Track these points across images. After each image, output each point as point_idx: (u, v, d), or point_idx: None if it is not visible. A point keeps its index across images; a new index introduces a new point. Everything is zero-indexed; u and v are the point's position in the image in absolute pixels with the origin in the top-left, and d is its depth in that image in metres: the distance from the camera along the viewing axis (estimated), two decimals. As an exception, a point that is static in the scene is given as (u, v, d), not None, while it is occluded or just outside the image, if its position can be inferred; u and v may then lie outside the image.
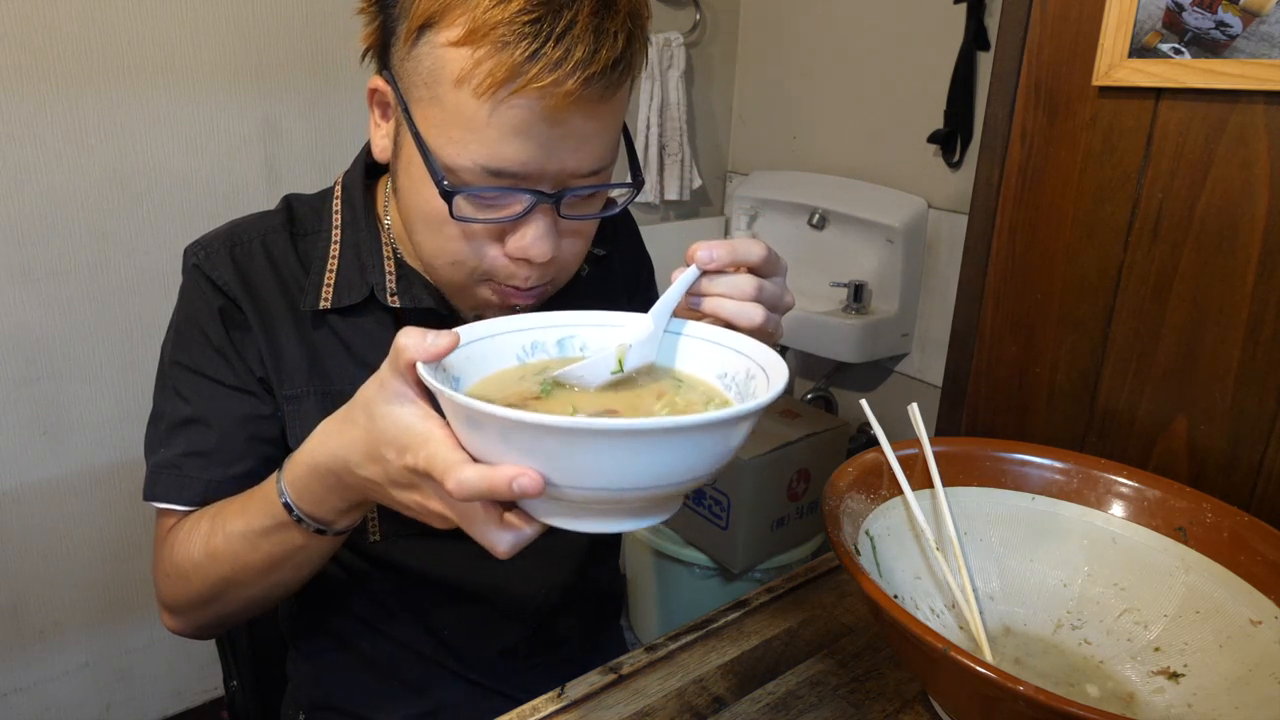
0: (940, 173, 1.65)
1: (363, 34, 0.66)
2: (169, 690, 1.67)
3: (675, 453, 0.45)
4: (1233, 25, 0.72)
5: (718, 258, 0.57)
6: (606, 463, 0.44)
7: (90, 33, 1.30)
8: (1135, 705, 0.61)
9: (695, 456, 0.46)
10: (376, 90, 0.67)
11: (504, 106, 0.57)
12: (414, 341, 0.48)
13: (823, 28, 1.82)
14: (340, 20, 1.50)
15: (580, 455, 0.43)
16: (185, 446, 0.71)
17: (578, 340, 0.61)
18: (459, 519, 0.50)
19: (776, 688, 0.67)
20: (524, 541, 0.49)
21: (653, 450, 0.44)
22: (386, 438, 0.50)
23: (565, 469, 0.44)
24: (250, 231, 0.74)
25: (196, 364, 0.72)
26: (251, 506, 0.64)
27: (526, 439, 0.43)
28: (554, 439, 0.43)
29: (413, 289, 0.73)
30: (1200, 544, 0.65)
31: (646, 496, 0.47)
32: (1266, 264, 0.75)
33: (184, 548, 0.69)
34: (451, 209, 0.61)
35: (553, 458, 0.44)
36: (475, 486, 0.44)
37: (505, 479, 0.44)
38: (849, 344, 1.66)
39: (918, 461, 0.71)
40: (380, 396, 0.50)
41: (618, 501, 0.47)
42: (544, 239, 0.63)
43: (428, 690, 0.82)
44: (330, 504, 0.59)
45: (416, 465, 0.48)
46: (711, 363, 0.58)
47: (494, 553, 0.49)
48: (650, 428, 0.42)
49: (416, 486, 0.51)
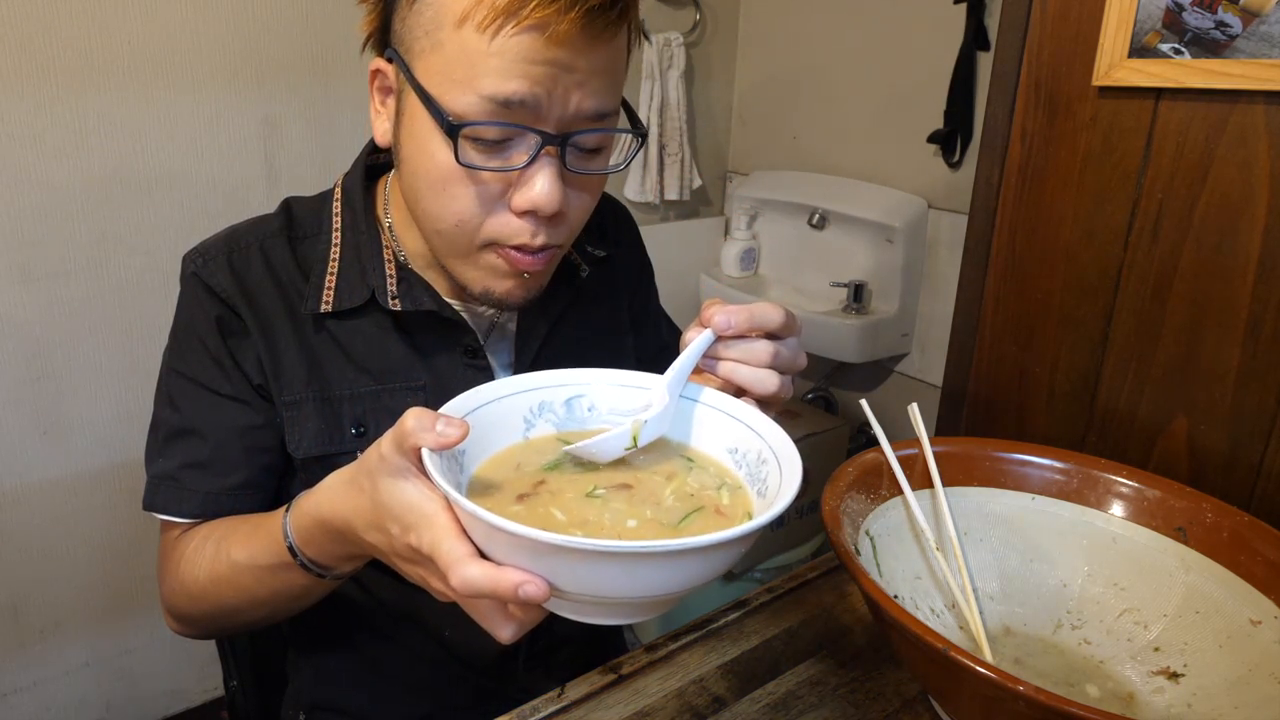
0: (940, 173, 1.65)
1: (362, 23, 0.66)
2: (169, 690, 1.67)
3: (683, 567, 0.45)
4: (1233, 25, 0.72)
5: (735, 325, 0.56)
6: (614, 577, 0.44)
7: (90, 33, 1.30)
8: (1135, 705, 0.61)
9: (703, 568, 0.46)
10: (378, 72, 0.67)
11: (505, 38, 0.57)
12: (422, 426, 0.47)
13: (823, 28, 1.82)
14: (340, 20, 1.50)
15: (588, 570, 0.44)
16: (182, 458, 0.71)
17: (585, 400, 0.60)
18: (462, 604, 0.50)
19: (776, 688, 0.67)
20: (526, 629, 0.49)
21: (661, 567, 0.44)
22: (390, 513, 0.50)
23: (572, 580, 0.44)
24: (248, 237, 0.74)
25: (193, 373, 0.72)
26: (256, 541, 0.65)
27: (535, 551, 0.43)
28: (563, 556, 0.43)
29: (413, 291, 0.73)
30: (1200, 544, 0.65)
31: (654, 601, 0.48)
32: (1266, 264, 0.75)
33: (190, 568, 0.69)
34: (457, 152, 0.60)
35: (560, 569, 0.44)
36: (480, 588, 0.44)
37: (510, 585, 0.43)
38: (849, 344, 1.66)
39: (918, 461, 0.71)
40: (382, 469, 0.50)
41: (623, 605, 0.48)
42: (551, 187, 0.62)
43: (427, 690, 0.82)
44: (333, 554, 0.60)
45: (420, 547, 0.48)
46: (723, 436, 0.58)
47: (497, 638, 0.49)
48: (660, 550, 0.42)
49: (420, 564, 0.50)
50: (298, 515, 0.61)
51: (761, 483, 0.54)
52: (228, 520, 0.71)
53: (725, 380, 0.58)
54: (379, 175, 0.79)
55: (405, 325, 0.74)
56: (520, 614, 0.49)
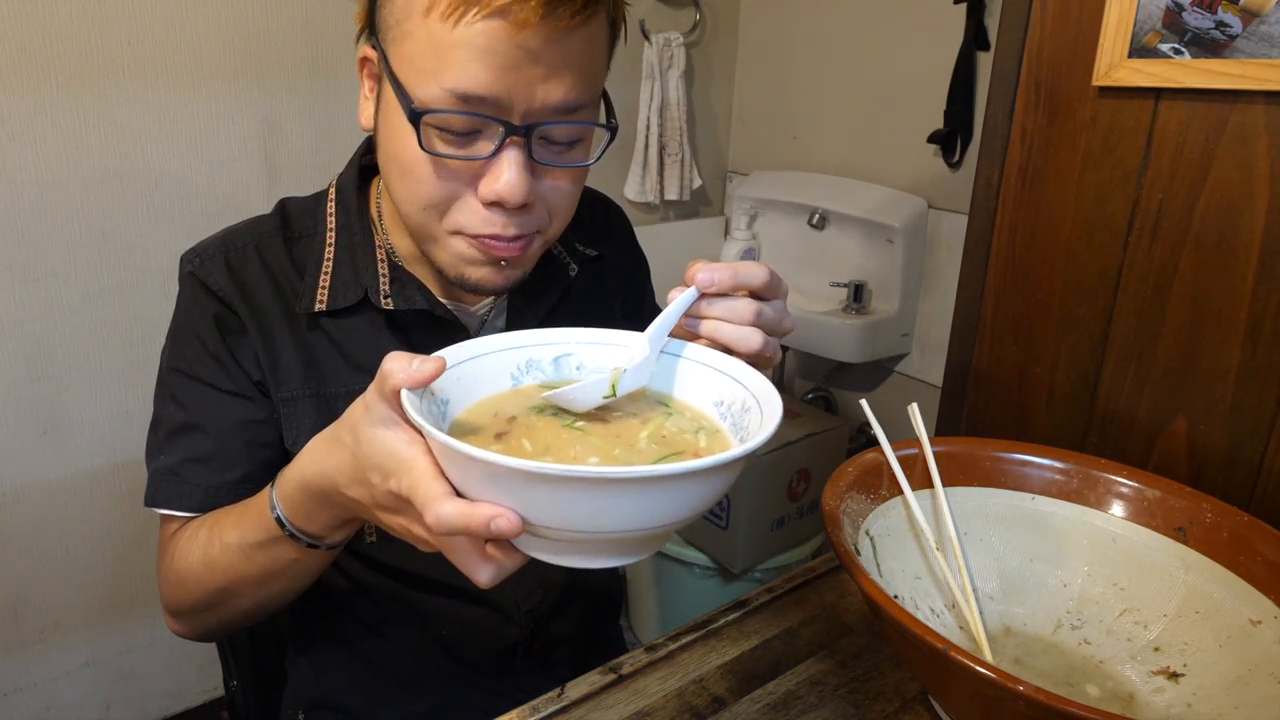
0: (940, 173, 1.65)
1: (356, 14, 0.67)
2: (169, 690, 1.67)
3: (656, 499, 0.44)
4: (1232, 25, 0.72)
5: (719, 281, 0.56)
6: (584, 508, 0.43)
7: (90, 33, 1.30)
8: (1135, 705, 0.61)
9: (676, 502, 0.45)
10: (365, 59, 0.67)
11: (468, 29, 0.57)
12: (399, 367, 0.48)
13: (823, 28, 1.82)
14: (340, 20, 1.50)
15: (558, 500, 0.43)
16: (184, 453, 0.72)
17: (574, 359, 0.60)
18: (440, 546, 0.50)
19: (776, 688, 0.67)
20: (505, 573, 0.49)
21: (632, 497, 0.43)
22: (371, 462, 0.50)
23: (543, 512, 0.44)
24: (244, 237, 0.75)
25: (193, 370, 0.72)
26: (246, 519, 0.64)
27: (505, 481, 0.43)
28: (531, 484, 0.42)
29: (406, 290, 0.73)
30: (1200, 544, 0.65)
31: (630, 538, 0.47)
32: (1266, 264, 0.75)
33: (184, 556, 0.69)
34: (420, 136, 0.60)
35: (531, 500, 0.43)
36: (453, 523, 0.44)
37: (483, 519, 0.44)
38: (849, 344, 1.66)
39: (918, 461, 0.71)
40: (366, 419, 0.50)
41: (597, 542, 0.47)
42: (515, 178, 0.61)
43: (427, 690, 0.82)
44: (321, 520, 0.60)
45: (399, 492, 0.48)
46: (708, 389, 0.57)
47: (475, 582, 0.49)
48: (628, 476, 0.42)
49: (401, 511, 0.51)
50: (282, 485, 0.61)
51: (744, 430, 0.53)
52: (221, 509, 0.70)
53: (709, 338, 0.58)
54: (373, 175, 0.79)
55: (398, 323, 0.74)
56: (497, 555, 0.48)
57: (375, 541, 0.76)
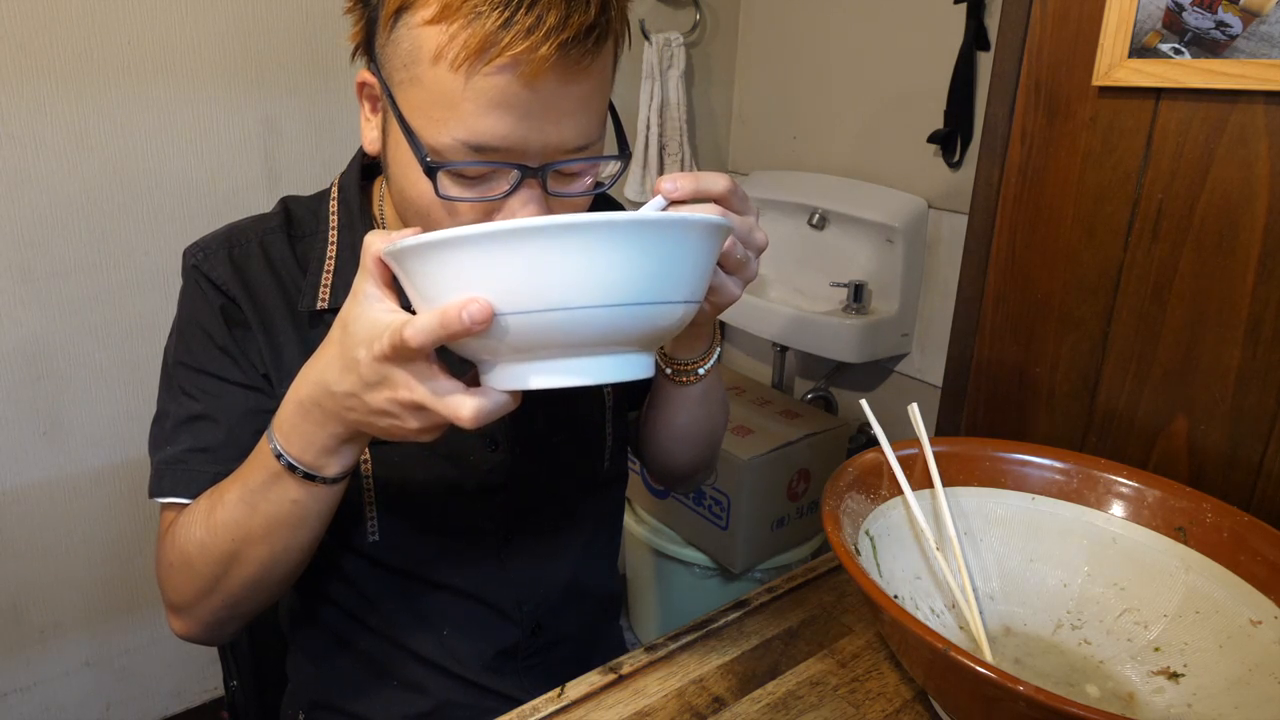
0: (940, 173, 1.65)
1: (351, 32, 0.67)
2: (169, 690, 1.67)
3: (618, 254, 0.44)
4: (1233, 25, 0.72)
5: (681, 188, 0.58)
6: (550, 268, 0.44)
7: (90, 33, 1.30)
8: (1135, 705, 0.61)
9: (641, 266, 0.45)
10: (365, 84, 0.67)
11: (480, 78, 0.57)
12: (378, 237, 0.51)
13: (823, 28, 1.82)
14: (340, 20, 1.50)
15: (523, 264, 0.44)
16: (191, 442, 0.71)
17: None
18: (425, 397, 0.51)
19: (776, 688, 0.67)
20: (488, 409, 0.51)
21: (593, 250, 0.44)
22: (358, 339, 0.52)
23: (511, 289, 0.44)
24: (248, 233, 0.75)
25: (200, 363, 0.72)
26: (245, 469, 0.65)
27: (469, 259, 0.44)
28: (495, 247, 0.43)
29: None
30: (1200, 544, 0.65)
31: (602, 325, 0.46)
32: (1266, 264, 0.75)
33: (185, 532, 0.68)
34: (436, 187, 0.61)
35: (497, 277, 0.44)
36: (428, 324, 0.47)
37: (455, 309, 0.45)
38: (849, 344, 1.66)
39: (918, 461, 0.71)
40: (353, 305, 0.53)
41: (572, 332, 0.46)
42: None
43: (427, 689, 0.82)
44: (319, 442, 0.60)
45: (384, 350, 0.50)
46: None
47: (460, 423, 0.51)
48: (587, 221, 0.43)
49: (386, 380, 0.52)
50: (276, 416, 0.62)
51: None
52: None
53: None
54: (375, 174, 0.79)
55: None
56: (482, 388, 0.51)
57: (377, 539, 0.76)
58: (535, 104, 0.58)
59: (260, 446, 0.63)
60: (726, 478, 1.61)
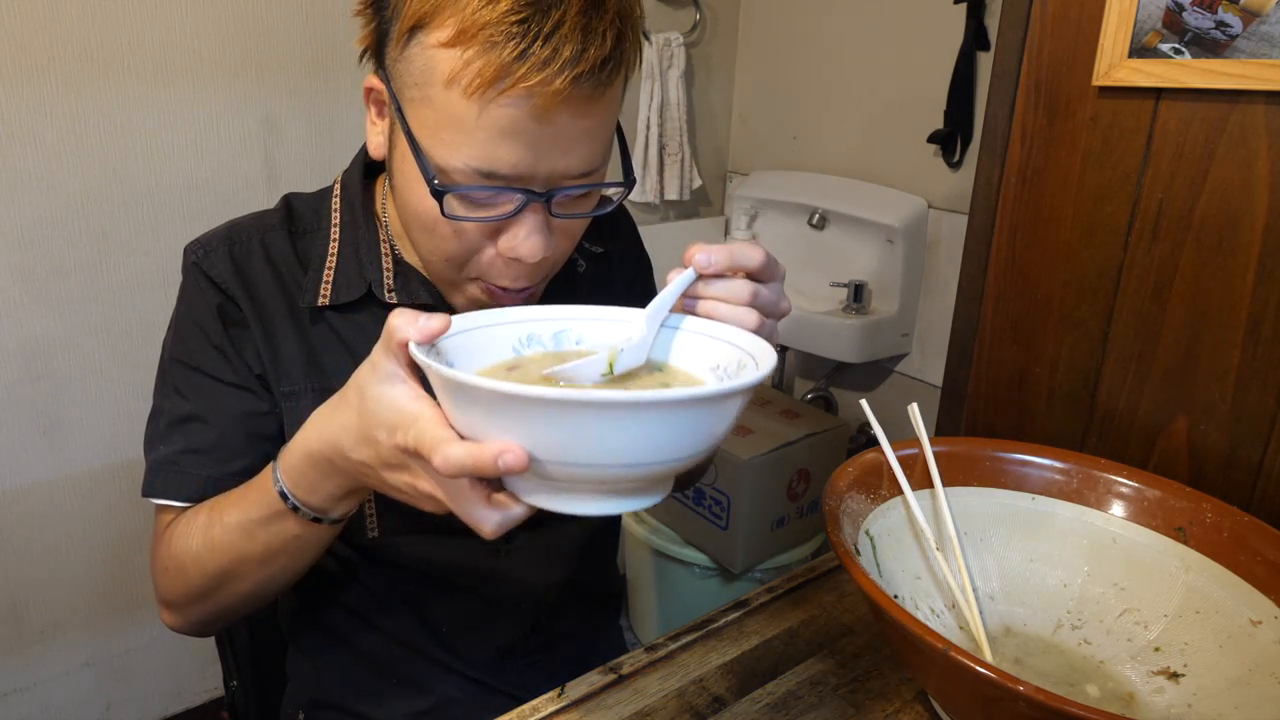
0: (940, 173, 1.65)
1: (360, 36, 0.66)
2: (169, 690, 1.67)
3: (660, 428, 0.44)
4: (1233, 25, 0.72)
5: (715, 262, 0.57)
6: (591, 438, 0.44)
7: (90, 33, 1.30)
8: (1135, 705, 0.61)
9: (680, 434, 0.45)
10: (372, 89, 0.67)
11: (493, 106, 0.57)
12: (406, 322, 0.49)
13: (823, 28, 1.82)
14: (340, 20, 1.50)
15: (565, 430, 0.43)
16: (184, 443, 0.71)
17: (573, 334, 0.61)
18: (447, 498, 0.50)
19: (776, 688, 0.67)
20: (511, 522, 0.49)
21: (638, 425, 0.43)
22: (378, 419, 0.50)
23: (550, 445, 0.44)
24: (249, 230, 0.75)
25: (195, 361, 0.72)
26: (248, 497, 0.64)
27: (511, 412, 0.43)
28: (538, 411, 0.43)
29: (410, 286, 0.73)
30: (1200, 544, 0.65)
31: (633, 476, 0.47)
32: (1266, 264, 0.75)
33: (182, 541, 0.69)
34: (443, 208, 0.61)
35: (537, 433, 0.44)
36: (461, 462, 0.45)
37: (491, 455, 0.44)
38: (849, 344, 1.66)
39: (918, 461, 0.71)
40: (373, 378, 0.51)
41: (604, 481, 0.47)
42: (535, 238, 0.63)
43: (427, 688, 0.82)
44: (325, 491, 0.60)
45: (406, 444, 0.48)
46: (704, 355, 0.58)
47: (480, 532, 0.49)
48: (634, 400, 0.42)
49: (407, 467, 0.51)
50: (285, 456, 0.61)
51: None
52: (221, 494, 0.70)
53: (705, 318, 0.59)
54: (378, 172, 0.79)
55: None
56: (504, 501, 0.49)
57: (377, 536, 0.76)
58: (545, 135, 0.58)
59: (263, 480, 0.63)
60: (726, 477, 1.61)
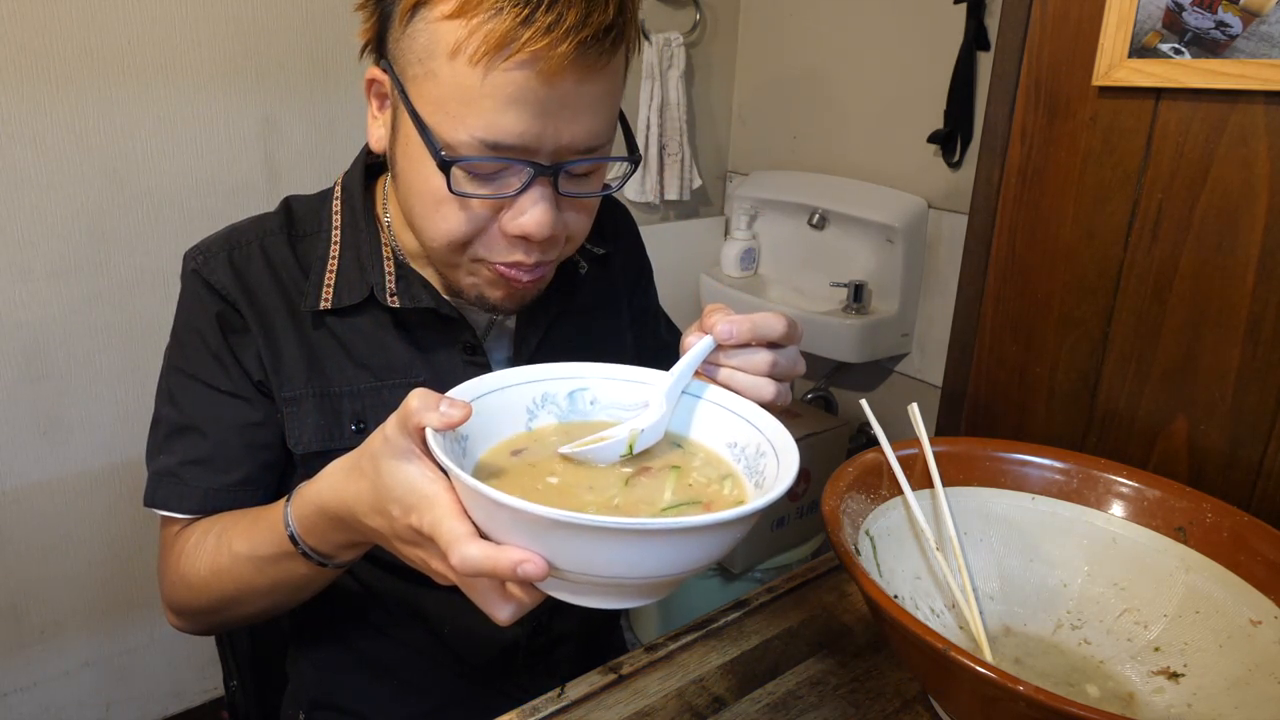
0: (940, 173, 1.65)
1: (360, 30, 0.67)
2: (169, 690, 1.67)
3: (681, 548, 0.45)
4: (1233, 25, 0.72)
5: (737, 335, 0.57)
6: (613, 556, 0.44)
7: (90, 32, 1.30)
8: (1135, 705, 0.61)
9: (701, 550, 0.46)
10: (374, 80, 0.67)
11: (498, 74, 0.57)
12: (425, 405, 0.48)
13: (823, 28, 1.82)
14: (340, 19, 1.50)
15: (586, 548, 0.44)
16: (183, 454, 0.72)
17: (588, 394, 0.61)
18: (460, 584, 0.50)
19: (776, 688, 0.67)
20: (524, 610, 0.49)
21: (659, 547, 0.44)
22: (392, 495, 0.50)
23: (570, 558, 0.44)
24: (248, 235, 0.75)
25: (194, 370, 0.72)
26: (258, 532, 0.65)
27: (535, 528, 0.43)
28: (563, 532, 0.43)
29: (412, 289, 0.73)
30: (1200, 544, 0.65)
31: (651, 584, 0.48)
32: (1266, 264, 0.75)
33: (190, 561, 0.69)
34: (450, 182, 0.61)
35: (559, 547, 0.44)
36: (479, 566, 0.44)
37: (510, 563, 0.44)
38: (849, 344, 1.66)
39: (918, 461, 0.71)
40: (385, 451, 0.50)
41: (621, 587, 0.48)
42: (542, 215, 0.62)
43: (428, 689, 0.82)
44: (335, 541, 0.60)
45: (421, 528, 0.48)
46: (722, 430, 0.59)
47: (494, 620, 0.49)
48: (659, 528, 0.43)
49: (420, 545, 0.51)
50: (299, 504, 0.61)
51: (759, 475, 0.54)
52: (229, 514, 0.71)
53: (724, 386, 0.59)
54: (379, 174, 0.79)
55: (404, 322, 0.74)
56: (519, 594, 0.48)
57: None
58: (551, 101, 0.58)
59: (274, 519, 0.63)
60: (726, 478, 1.61)
